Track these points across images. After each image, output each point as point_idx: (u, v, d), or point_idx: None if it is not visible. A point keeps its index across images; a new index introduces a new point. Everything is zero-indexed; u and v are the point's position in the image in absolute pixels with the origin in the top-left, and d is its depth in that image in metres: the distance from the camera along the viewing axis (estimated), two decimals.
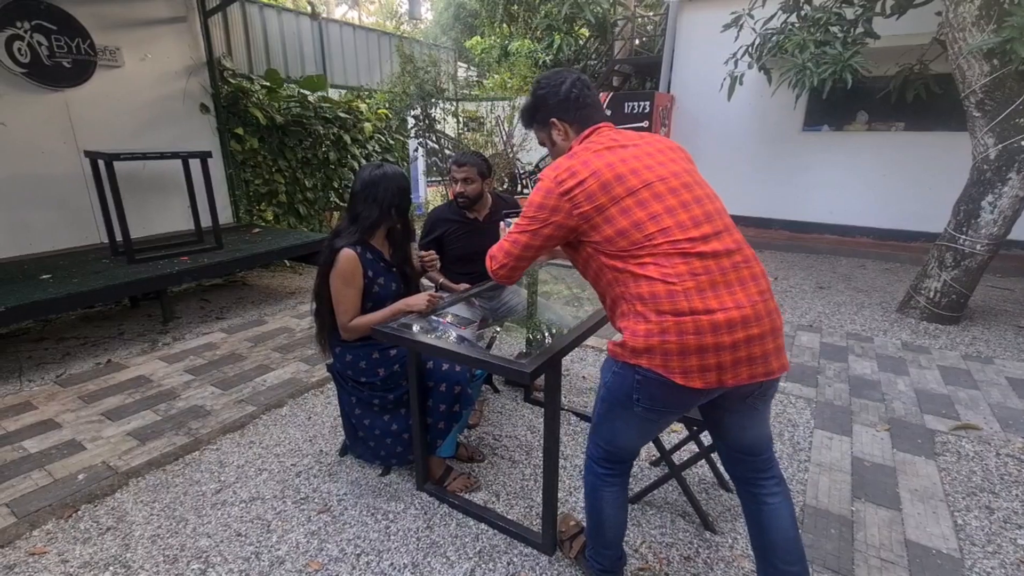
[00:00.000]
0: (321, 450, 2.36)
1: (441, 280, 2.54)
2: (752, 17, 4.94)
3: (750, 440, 1.37)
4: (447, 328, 1.84)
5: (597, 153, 1.30)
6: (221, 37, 5.17)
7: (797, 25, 4.60)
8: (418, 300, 1.93)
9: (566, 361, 3.21)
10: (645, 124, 6.70)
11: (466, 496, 2.03)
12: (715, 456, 2.08)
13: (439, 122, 6.11)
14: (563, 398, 2.75)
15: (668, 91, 7.36)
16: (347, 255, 1.86)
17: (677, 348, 1.15)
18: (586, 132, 1.40)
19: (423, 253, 2.18)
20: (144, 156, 3.75)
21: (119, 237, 3.78)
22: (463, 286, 2.44)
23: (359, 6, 23.67)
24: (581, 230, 1.28)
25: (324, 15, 6.83)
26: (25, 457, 2.26)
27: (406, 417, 2.01)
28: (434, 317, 1.90)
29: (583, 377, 3.08)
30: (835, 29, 4.36)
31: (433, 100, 5.81)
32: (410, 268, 2.12)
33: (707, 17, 6.71)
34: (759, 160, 6.91)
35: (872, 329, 3.81)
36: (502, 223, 1.79)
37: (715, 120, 6.99)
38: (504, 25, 9.80)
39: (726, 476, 2.11)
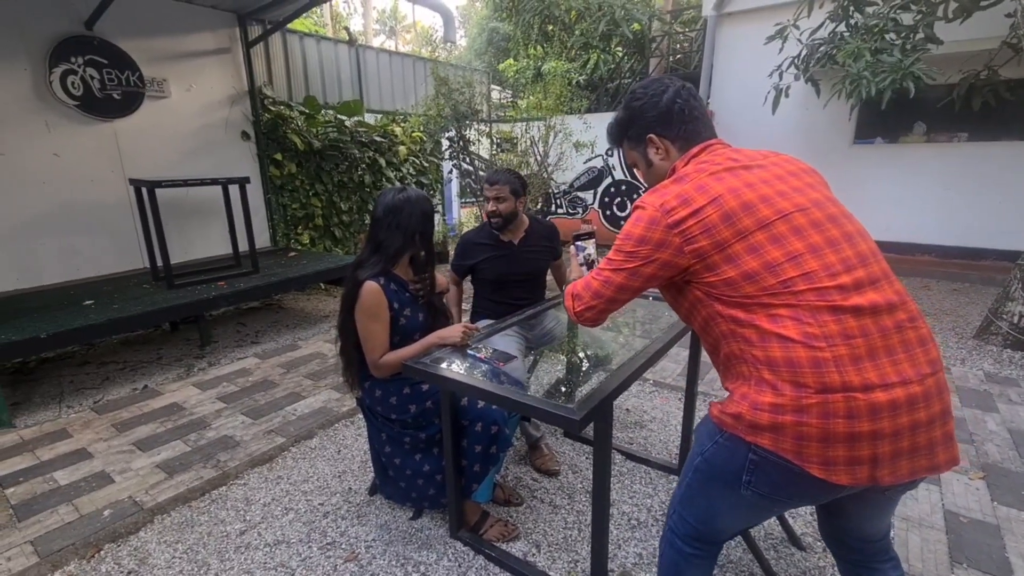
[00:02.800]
0: (350, 488, 2.23)
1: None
2: (797, 28, 4.71)
3: (872, 529, 1.14)
4: (484, 364, 1.69)
5: (715, 176, 1.05)
6: (262, 66, 5.30)
7: (848, 34, 4.35)
8: (452, 332, 1.79)
9: None
10: None
11: (504, 546, 1.86)
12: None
13: (473, 143, 6.07)
14: None
15: (707, 107, 7.14)
16: (370, 288, 1.73)
17: (819, 433, 0.90)
18: (693, 151, 1.15)
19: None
20: (185, 183, 3.81)
21: (160, 263, 3.83)
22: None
23: (396, 35, 24.48)
24: (692, 270, 1.04)
25: (362, 42, 6.97)
26: (54, 490, 2.22)
27: (439, 457, 1.86)
28: (470, 351, 1.76)
29: (627, 410, 2.87)
30: (891, 36, 4.10)
31: (468, 121, 5.78)
32: (437, 297, 1.99)
33: (748, 30, 6.51)
34: None
35: (948, 358, 3.45)
36: (573, 247, 1.58)
37: (758, 135, 6.71)
38: (539, 47, 9.83)
39: (797, 532, 1.87)
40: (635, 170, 1.31)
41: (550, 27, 9.62)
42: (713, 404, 1.09)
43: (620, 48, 10.22)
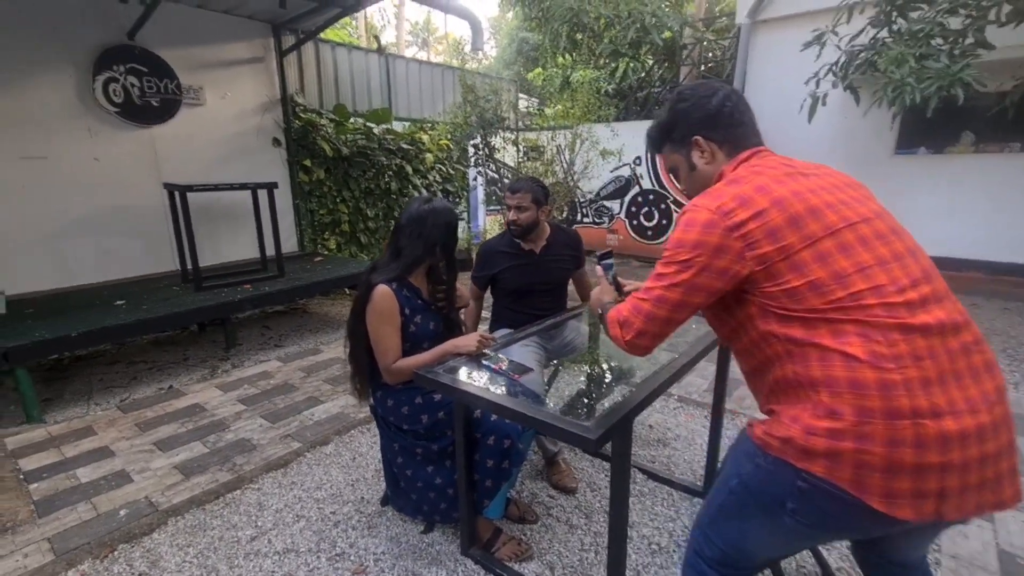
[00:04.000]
0: (362, 497, 2.19)
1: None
2: (836, 34, 4.55)
3: (915, 556, 1.06)
4: (499, 375, 1.63)
5: (775, 179, 0.98)
6: (295, 75, 5.42)
7: (890, 40, 4.17)
8: (467, 341, 1.74)
9: None
10: None
11: (516, 567, 1.78)
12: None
13: (499, 151, 6.06)
14: None
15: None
16: (382, 291, 1.70)
17: (883, 463, 0.82)
18: (743, 155, 1.09)
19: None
20: (216, 187, 3.90)
21: (190, 265, 3.91)
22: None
23: (428, 47, 24.91)
24: (752, 279, 0.96)
25: (393, 50, 7.08)
26: (76, 487, 2.25)
27: (451, 470, 1.80)
28: (485, 361, 1.70)
29: (649, 426, 2.76)
30: (938, 41, 3.91)
31: (494, 128, 5.78)
32: (452, 309, 1.94)
33: (783, 37, 6.34)
34: None
35: None
36: (599, 267, 1.52)
37: (793, 144, 6.45)
38: (567, 55, 9.81)
39: (833, 566, 1.73)
40: (674, 176, 1.23)
41: (579, 35, 9.60)
42: (755, 424, 1.00)
43: (650, 56, 10.11)
